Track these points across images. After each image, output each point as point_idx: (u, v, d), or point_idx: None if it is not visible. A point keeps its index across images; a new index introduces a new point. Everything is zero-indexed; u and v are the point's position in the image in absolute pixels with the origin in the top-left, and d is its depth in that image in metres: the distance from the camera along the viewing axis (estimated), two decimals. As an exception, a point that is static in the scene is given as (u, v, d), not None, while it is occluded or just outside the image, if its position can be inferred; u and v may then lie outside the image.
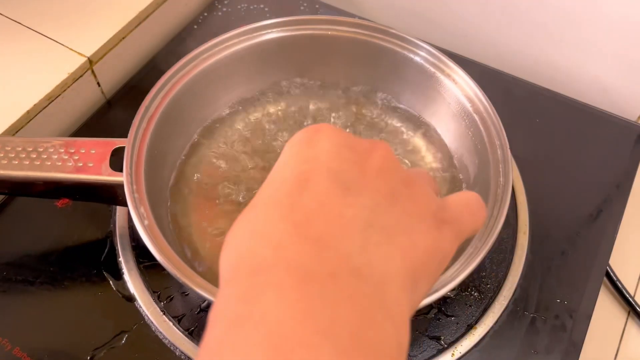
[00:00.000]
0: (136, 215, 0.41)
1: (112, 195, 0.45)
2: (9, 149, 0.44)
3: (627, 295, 0.56)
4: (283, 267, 0.20)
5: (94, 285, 0.48)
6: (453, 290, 0.49)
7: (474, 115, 0.49)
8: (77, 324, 0.47)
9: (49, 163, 0.44)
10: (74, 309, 0.47)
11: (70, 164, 0.44)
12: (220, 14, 0.69)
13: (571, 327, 0.48)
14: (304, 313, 0.18)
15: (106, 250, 0.50)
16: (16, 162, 0.43)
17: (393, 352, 0.20)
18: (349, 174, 0.23)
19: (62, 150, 0.45)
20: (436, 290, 0.39)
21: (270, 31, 0.54)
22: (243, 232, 0.22)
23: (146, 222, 0.41)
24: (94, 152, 0.45)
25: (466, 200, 0.27)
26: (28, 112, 0.53)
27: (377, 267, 0.21)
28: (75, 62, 0.57)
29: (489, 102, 0.49)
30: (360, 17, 0.69)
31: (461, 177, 0.52)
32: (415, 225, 0.23)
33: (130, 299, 0.47)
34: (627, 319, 0.57)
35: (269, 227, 0.21)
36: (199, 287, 0.38)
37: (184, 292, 0.48)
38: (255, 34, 0.53)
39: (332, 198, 0.22)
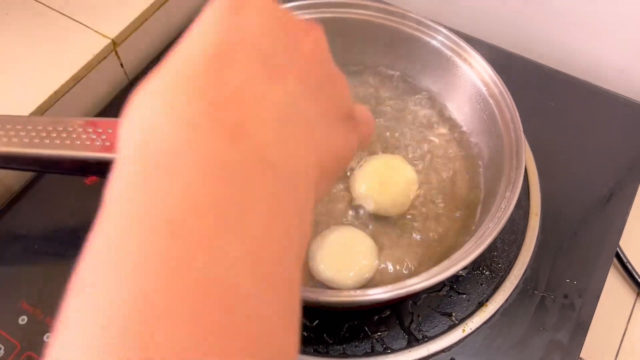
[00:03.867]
0: (162, 193, 0.43)
1: (138, 173, 0.47)
2: (40, 128, 0.46)
3: (637, 277, 0.58)
4: (194, 153, 0.18)
5: (120, 260, 0.50)
6: (465, 269, 0.50)
7: (489, 99, 0.50)
8: (104, 296, 0.49)
9: (78, 142, 0.46)
10: (102, 281, 0.50)
11: (98, 143, 0.46)
12: (239, -5, 0.70)
13: (580, 307, 0.49)
14: (212, 204, 0.17)
15: (131, 226, 0.52)
16: (47, 142, 0.45)
17: (297, 246, 0.20)
18: (277, 58, 0.21)
19: (90, 130, 0.46)
20: (448, 268, 0.41)
21: (289, 14, 0.55)
22: (151, 104, 0.19)
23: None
24: (120, 132, 0.47)
25: (366, 110, 0.28)
26: (55, 92, 0.55)
27: (291, 161, 0.20)
28: (99, 44, 0.59)
29: (504, 86, 0.50)
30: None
31: (477, 156, 0.53)
32: (333, 123, 0.24)
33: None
34: (635, 299, 0.58)
35: (182, 105, 0.19)
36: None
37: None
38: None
39: (256, 81, 0.20)
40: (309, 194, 0.21)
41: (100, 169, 0.47)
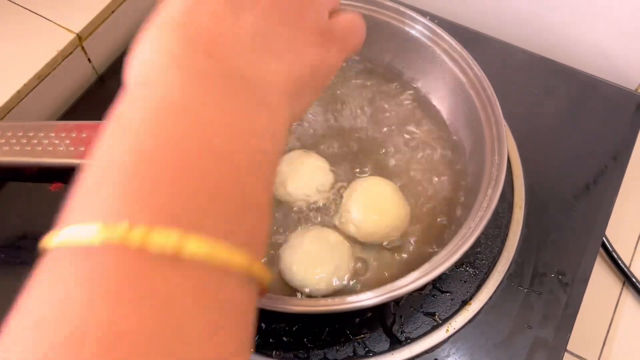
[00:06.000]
0: (129, 200, 0.41)
1: (105, 179, 0.44)
2: (-1, 134, 0.44)
3: (623, 266, 0.57)
4: (180, 68, 0.23)
5: (92, 266, 0.49)
6: (448, 267, 0.49)
7: (470, 90, 0.48)
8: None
9: (40, 148, 0.43)
10: (73, 290, 0.48)
11: (62, 148, 0.44)
12: (211, -17, 0.67)
13: (565, 302, 0.48)
14: (200, 101, 0.23)
15: (102, 231, 0.50)
16: (7, 148, 0.43)
17: (266, 136, 0.24)
18: None
19: (53, 135, 0.44)
20: (430, 271, 0.39)
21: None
22: (145, 48, 0.24)
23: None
24: (85, 135, 0.44)
25: (351, 20, 0.29)
26: (18, 92, 0.53)
27: (263, 76, 0.25)
28: (64, 39, 0.56)
29: (485, 77, 0.48)
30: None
31: (459, 150, 0.52)
32: (302, 41, 0.27)
33: (128, 279, 0.48)
34: (621, 289, 0.57)
35: (165, 42, 0.24)
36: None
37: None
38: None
39: (225, 17, 0.25)
40: (281, 100, 0.25)
41: (65, 175, 0.45)
